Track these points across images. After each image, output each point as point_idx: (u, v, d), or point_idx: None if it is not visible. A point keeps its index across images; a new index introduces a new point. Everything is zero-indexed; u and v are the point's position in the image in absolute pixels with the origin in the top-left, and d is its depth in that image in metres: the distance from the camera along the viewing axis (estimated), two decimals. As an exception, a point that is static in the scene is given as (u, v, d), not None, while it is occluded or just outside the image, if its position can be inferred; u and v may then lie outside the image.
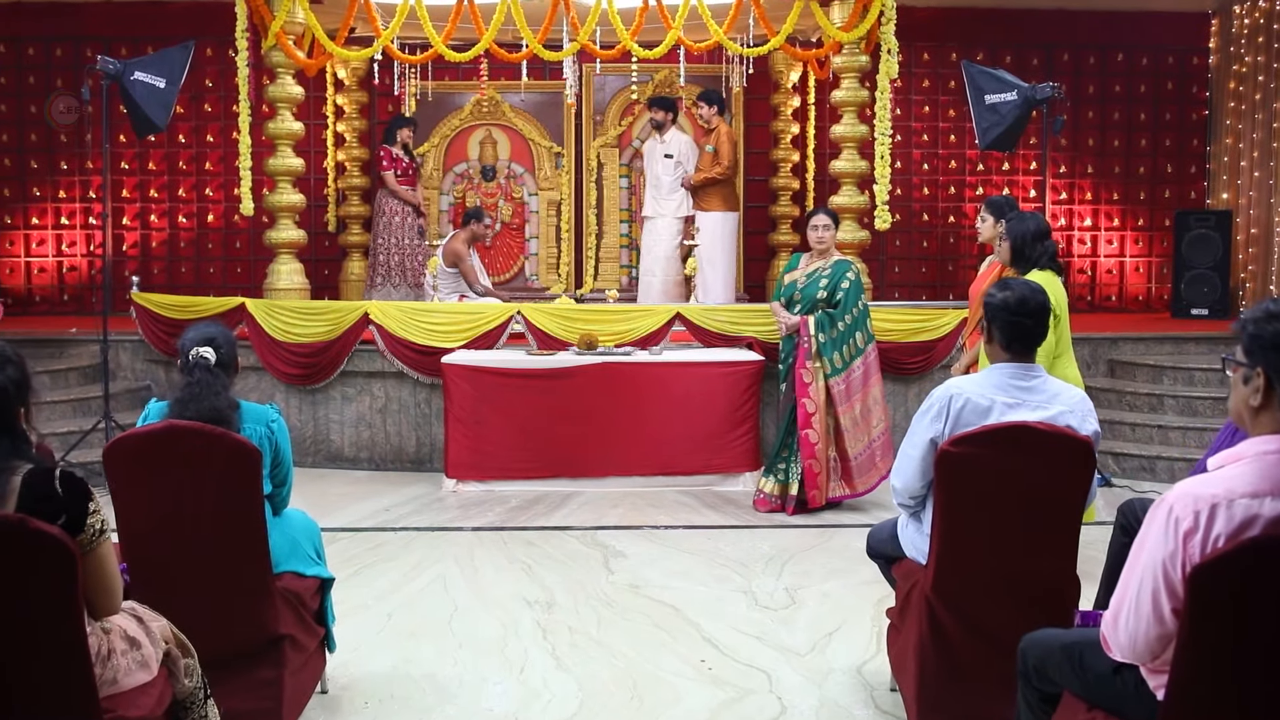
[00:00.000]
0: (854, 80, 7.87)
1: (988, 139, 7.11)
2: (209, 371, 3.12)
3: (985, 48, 9.94)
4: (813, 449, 6.00)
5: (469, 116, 9.94)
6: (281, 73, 7.78)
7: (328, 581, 3.49)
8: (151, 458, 3.03)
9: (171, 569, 3.09)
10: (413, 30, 7.80)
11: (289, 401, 7.31)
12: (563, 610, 4.50)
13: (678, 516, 6.03)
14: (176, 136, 9.98)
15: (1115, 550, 3.72)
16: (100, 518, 2.33)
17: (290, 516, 3.45)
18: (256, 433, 3.20)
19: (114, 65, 6.46)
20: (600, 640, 4.18)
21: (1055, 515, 3.03)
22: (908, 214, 10.02)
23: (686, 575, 4.99)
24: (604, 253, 9.96)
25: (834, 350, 6.05)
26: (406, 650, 4.08)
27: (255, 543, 3.12)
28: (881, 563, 3.63)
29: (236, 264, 10.06)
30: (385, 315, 7.16)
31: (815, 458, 6.00)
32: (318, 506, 6.19)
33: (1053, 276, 4.64)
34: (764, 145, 10.06)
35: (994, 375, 3.14)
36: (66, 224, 9.97)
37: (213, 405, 3.06)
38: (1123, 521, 3.70)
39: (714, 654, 4.04)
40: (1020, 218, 4.81)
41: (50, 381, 7.40)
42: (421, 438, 7.25)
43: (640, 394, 6.64)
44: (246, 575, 3.13)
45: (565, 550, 5.38)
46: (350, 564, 5.12)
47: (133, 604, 2.59)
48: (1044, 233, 4.71)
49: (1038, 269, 4.65)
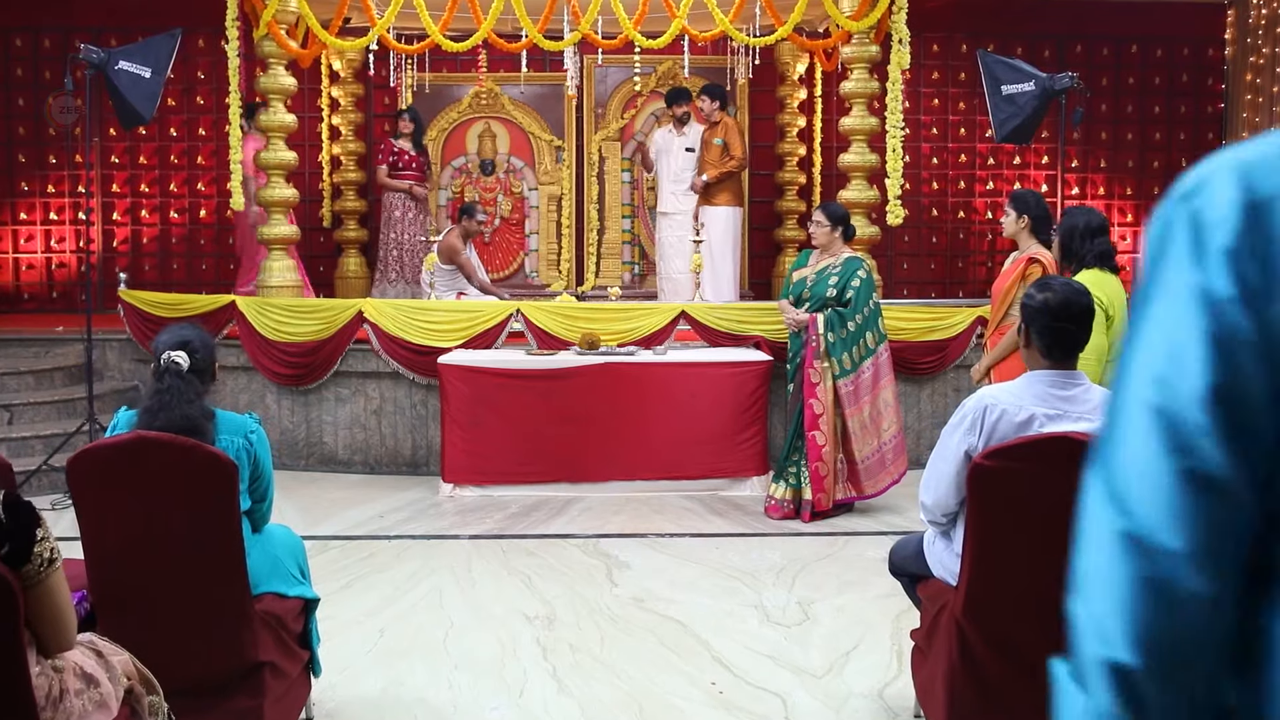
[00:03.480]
0: (864, 71, 7.63)
1: (1004, 131, 6.86)
2: (181, 378, 2.88)
3: (996, 39, 9.69)
4: (819, 451, 5.78)
5: (467, 109, 9.70)
6: (273, 63, 7.54)
7: (312, 602, 3.26)
8: (118, 472, 2.79)
9: (141, 592, 2.86)
10: (409, 20, 7.58)
11: (281, 402, 7.09)
12: (564, 626, 4.27)
13: (683, 524, 5.80)
14: (168, 130, 9.74)
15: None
16: (50, 545, 2.10)
17: (271, 533, 3.21)
18: (233, 444, 2.96)
19: (98, 54, 6.22)
20: (604, 660, 3.95)
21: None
22: (917, 209, 9.78)
23: (693, 587, 4.76)
24: (606, 249, 9.72)
25: (843, 350, 5.82)
26: (398, 671, 3.85)
27: (232, 563, 2.88)
28: (905, 580, 3.40)
29: (229, 260, 9.81)
30: (380, 314, 6.94)
31: (822, 460, 5.78)
32: (309, 512, 5.99)
33: (1105, 275, 4.41)
34: (769, 139, 9.81)
35: (1032, 384, 2.90)
36: (55, 220, 9.73)
37: (184, 414, 2.82)
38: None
39: (724, 675, 3.81)
40: (1071, 212, 4.61)
41: (35, 382, 7.17)
42: (418, 440, 7.03)
43: (644, 395, 6.42)
44: (222, 598, 2.90)
45: (566, 560, 5.15)
46: (341, 575, 4.89)
47: (91, 637, 2.36)
48: (1095, 229, 4.48)
49: (1086, 268, 4.42)
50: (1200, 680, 0.87)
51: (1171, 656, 0.86)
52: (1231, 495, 0.86)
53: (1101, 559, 0.90)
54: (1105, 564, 0.90)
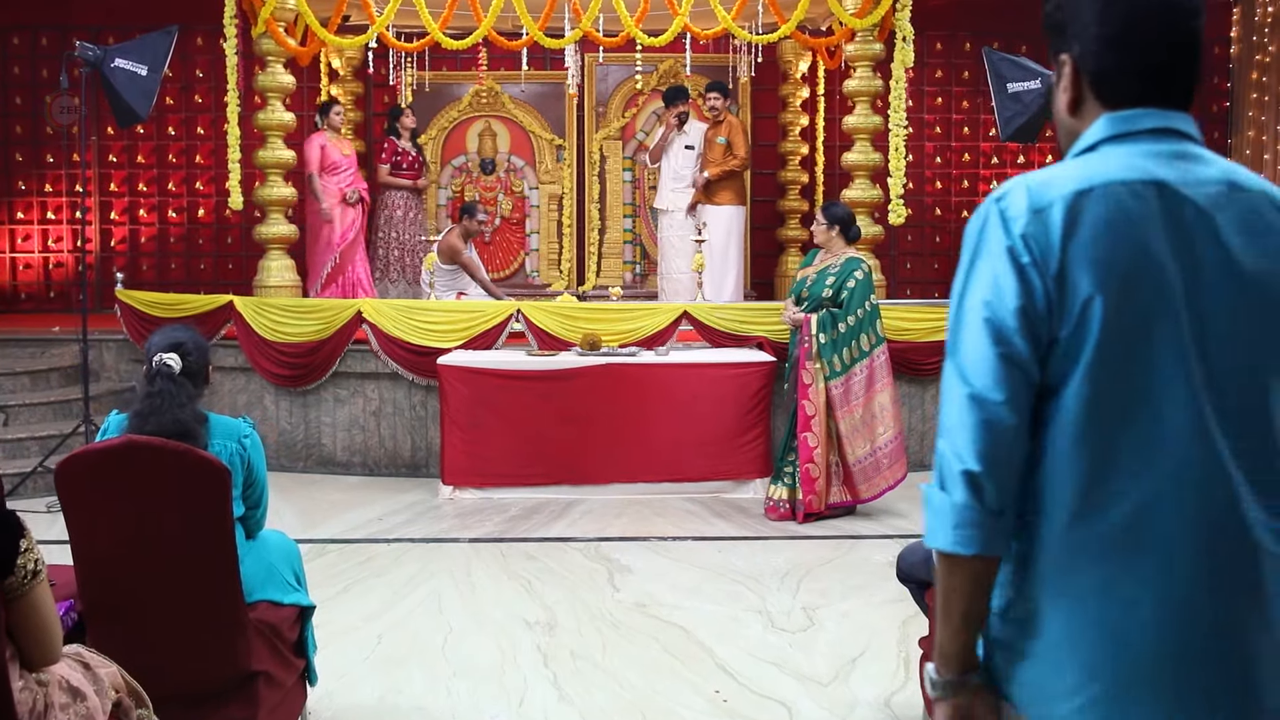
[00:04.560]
0: (867, 69, 7.58)
1: (1010, 129, 6.79)
2: (173, 381, 2.81)
3: (1000, 37, 9.60)
4: (810, 453, 5.71)
5: (467, 108, 9.64)
6: (272, 61, 7.49)
7: (308, 609, 3.19)
8: (107, 477, 2.72)
9: (132, 600, 2.79)
10: (409, 18, 7.52)
11: (279, 404, 7.02)
12: (565, 632, 4.20)
13: (685, 527, 5.73)
14: (166, 129, 9.69)
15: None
16: (34, 556, 2.03)
17: (266, 539, 3.14)
18: (226, 449, 2.89)
19: (93, 51, 6.15)
20: (605, 667, 3.88)
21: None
22: (920, 208, 9.71)
23: (696, 592, 4.69)
24: (607, 248, 9.66)
25: (833, 352, 5.75)
26: (395, 679, 3.78)
27: (224, 571, 2.81)
28: (914, 587, 3.32)
29: (228, 260, 9.76)
30: (379, 314, 6.87)
31: (814, 461, 5.71)
32: (307, 515, 5.93)
33: None
34: (772, 138, 9.75)
35: None
36: (53, 219, 9.67)
37: (175, 418, 2.76)
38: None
39: (728, 683, 3.74)
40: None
41: (31, 383, 7.10)
42: (417, 442, 6.96)
43: (646, 397, 6.35)
44: (215, 606, 2.83)
45: (567, 564, 5.08)
46: (338, 580, 4.82)
47: (78, 648, 2.30)
48: None
49: None
50: (1013, 476, 1.43)
51: (997, 462, 1.41)
52: (1027, 369, 1.42)
53: (956, 411, 1.44)
54: (958, 414, 1.43)
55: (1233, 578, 1.40)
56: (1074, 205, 1.41)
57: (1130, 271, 1.39)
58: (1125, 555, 1.39)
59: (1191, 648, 1.38)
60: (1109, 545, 1.40)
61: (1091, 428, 1.40)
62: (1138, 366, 1.40)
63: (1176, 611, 1.38)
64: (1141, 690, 1.39)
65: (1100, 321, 1.38)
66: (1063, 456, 1.42)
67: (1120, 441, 1.40)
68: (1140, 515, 1.39)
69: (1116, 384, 1.40)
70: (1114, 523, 1.40)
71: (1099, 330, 1.38)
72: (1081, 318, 1.39)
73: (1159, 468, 1.39)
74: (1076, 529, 1.41)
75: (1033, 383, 1.42)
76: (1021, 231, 1.41)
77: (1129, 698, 1.39)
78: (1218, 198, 1.44)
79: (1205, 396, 1.40)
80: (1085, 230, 1.40)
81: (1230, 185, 1.46)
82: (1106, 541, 1.40)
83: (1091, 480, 1.40)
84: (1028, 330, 1.40)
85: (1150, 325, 1.39)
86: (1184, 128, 1.50)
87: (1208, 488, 1.39)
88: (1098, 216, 1.40)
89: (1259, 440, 1.42)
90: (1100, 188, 1.42)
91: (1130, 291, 1.39)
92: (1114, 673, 1.39)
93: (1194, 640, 1.38)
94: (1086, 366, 1.39)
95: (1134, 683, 1.39)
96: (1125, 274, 1.39)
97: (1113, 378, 1.40)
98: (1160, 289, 1.40)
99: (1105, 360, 1.39)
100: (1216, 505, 1.39)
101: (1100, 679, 1.40)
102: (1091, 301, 1.38)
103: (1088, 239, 1.39)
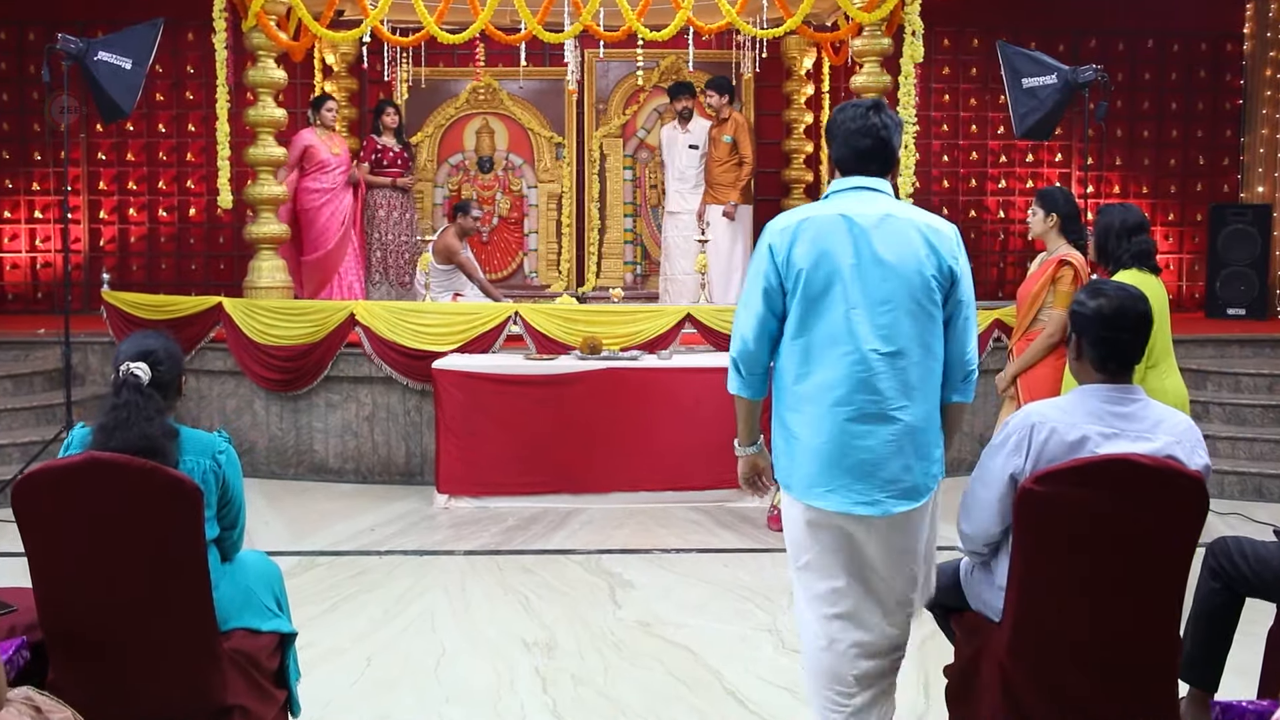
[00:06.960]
0: (875, 65, 7.35)
1: (1024, 125, 6.57)
2: (140, 392, 2.59)
3: (1009, 33, 9.35)
4: None
5: (465, 105, 9.41)
6: (263, 56, 7.26)
7: (289, 636, 2.97)
8: (68, 498, 2.51)
9: (96, 630, 2.57)
10: (404, 12, 7.32)
11: (269, 408, 6.81)
12: (565, 654, 3.99)
13: (690, 538, 5.52)
14: (156, 126, 9.46)
15: (1204, 597, 3.19)
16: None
17: (244, 560, 2.92)
18: (199, 465, 2.67)
19: (75, 44, 5.93)
20: (608, 693, 3.67)
21: (1158, 568, 2.52)
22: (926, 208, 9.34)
23: (703, 610, 4.48)
24: (607, 249, 9.44)
25: None
26: (385, 705, 3.57)
27: (196, 597, 2.60)
28: (938, 612, 3.11)
29: (220, 260, 9.54)
30: (372, 316, 6.66)
31: None
32: (297, 525, 5.71)
33: (1144, 275, 4.13)
34: (776, 135, 9.53)
35: (1085, 400, 2.61)
36: (41, 218, 9.44)
37: (143, 433, 2.54)
38: (1213, 564, 3.17)
39: (738, 710, 3.53)
40: (1107, 209, 4.33)
41: (13, 386, 6.89)
42: (411, 448, 6.75)
43: (648, 402, 6.15)
44: (186, 636, 2.62)
45: (567, 579, 4.87)
46: (328, 596, 4.61)
47: (28, 692, 2.08)
48: (1132, 226, 4.21)
49: (1123, 268, 4.15)
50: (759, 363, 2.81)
51: (749, 359, 2.80)
52: (772, 323, 2.76)
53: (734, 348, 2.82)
54: (738, 348, 2.81)
55: (865, 412, 2.67)
56: (799, 226, 2.73)
57: (819, 257, 2.68)
58: (816, 403, 2.70)
59: (846, 449, 2.68)
60: (808, 397, 2.72)
61: (799, 334, 2.72)
62: (821, 303, 2.69)
63: (839, 432, 2.68)
64: (827, 471, 2.69)
65: (804, 281, 2.69)
66: (786, 349, 2.77)
67: (812, 340, 2.71)
68: (822, 380, 2.70)
69: (809, 313, 2.70)
70: (811, 384, 2.71)
71: (803, 286, 2.69)
72: (795, 280, 2.70)
73: (830, 355, 2.69)
74: (794, 388, 2.75)
75: (774, 330, 2.77)
76: (772, 240, 2.75)
77: (823, 474, 2.70)
78: (875, 220, 2.70)
79: (860, 315, 2.66)
80: (803, 238, 2.71)
81: (886, 215, 2.72)
82: (808, 395, 2.72)
83: (800, 361, 2.73)
84: (773, 298, 2.74)
85: (830, 282, 2.68)
86: (875, 185, 2.79)
87: (857, 365, 2.66)
88: (808, 231, 2.71)
89: (889, 334, 2.66)
90: (814, 217, 2.74)
91: (818, 266, 2.68)
92: (814, 462, 2.70)
93: (847, 445, 2.68)
94: (797, 303, 2.71)
95: (824, 467, 2.69)
96: (816, 257, 2.68)
97: (808, 309, 2.70)
98: (835, 265, 2.68)
99: (805, 299, 2.70)
100: (859, 372, 2.66)
101: (810, 465, 2.71)
102: (801, 271, 2.69)
103: (805, 242, 2.70)
